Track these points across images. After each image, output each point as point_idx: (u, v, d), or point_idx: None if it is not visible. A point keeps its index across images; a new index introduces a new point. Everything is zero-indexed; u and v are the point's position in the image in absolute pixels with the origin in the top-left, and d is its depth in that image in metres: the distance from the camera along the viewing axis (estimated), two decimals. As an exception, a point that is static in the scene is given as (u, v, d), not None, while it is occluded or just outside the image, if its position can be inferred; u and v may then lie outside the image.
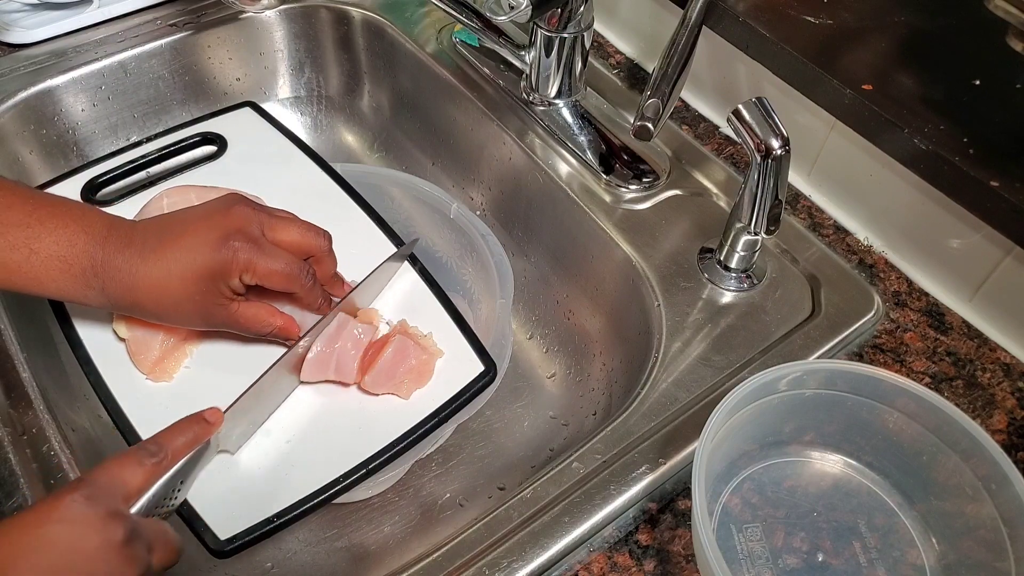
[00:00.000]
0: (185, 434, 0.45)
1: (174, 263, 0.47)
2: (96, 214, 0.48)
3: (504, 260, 0.60)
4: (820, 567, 0.48)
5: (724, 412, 0.46)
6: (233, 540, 0.44)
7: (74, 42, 0.79)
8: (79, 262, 0.46)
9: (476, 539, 0.49)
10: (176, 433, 0.45)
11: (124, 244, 0.47)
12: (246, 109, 0.68)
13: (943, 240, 0.61)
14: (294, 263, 0.50)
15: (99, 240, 0.47)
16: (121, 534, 0.37)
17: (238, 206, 0.49)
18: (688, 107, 0.77)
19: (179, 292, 0.47)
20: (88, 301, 0.48)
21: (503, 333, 0.57)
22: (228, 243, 0.47)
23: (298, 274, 0.50)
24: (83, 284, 0.47)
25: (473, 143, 0.80)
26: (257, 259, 0.48)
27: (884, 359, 0.58)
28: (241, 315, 0.50)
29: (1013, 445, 0.54)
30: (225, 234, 0.47)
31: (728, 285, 0.62)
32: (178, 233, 0.48)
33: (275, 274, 0.49)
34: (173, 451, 0.43)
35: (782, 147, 0.52)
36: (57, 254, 0.46)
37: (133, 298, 0.47)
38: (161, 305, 0.48)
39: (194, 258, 0.47)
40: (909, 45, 0.63)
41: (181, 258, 0.47)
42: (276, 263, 0.49)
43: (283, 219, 0.51)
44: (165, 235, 0.48)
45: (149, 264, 0.47)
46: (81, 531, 0.37)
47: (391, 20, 0.85)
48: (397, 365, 0.51)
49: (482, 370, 0.53)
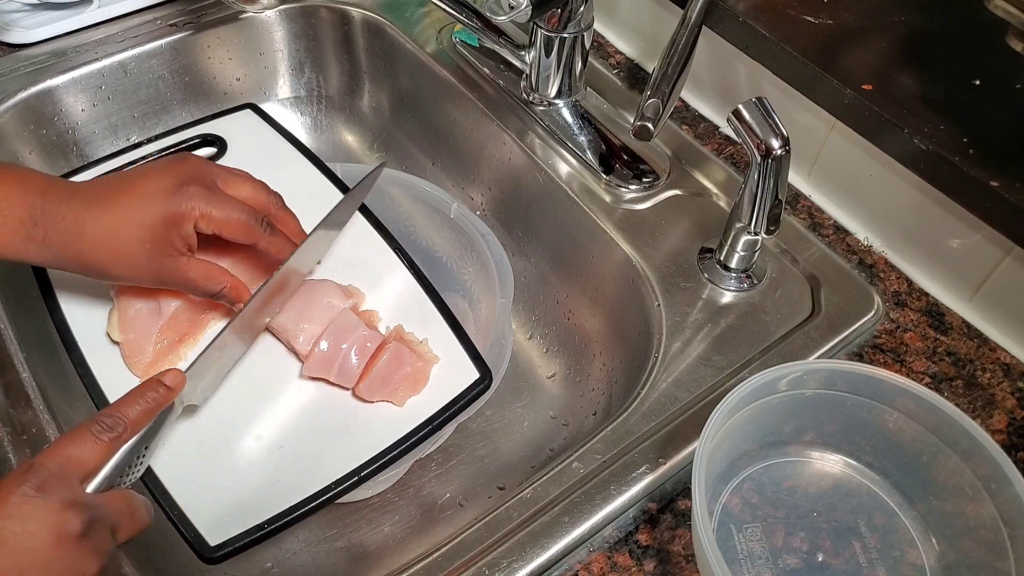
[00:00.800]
0: (143, 401, 0.42)
1: (128, 210, 0.45)
2: (34, 172, 0.47)
3: (504, 260, 0.60)
4: (820, 567, 0.48)
5: (724, 412, 0.46)
6: (223, 546, 0.44)
7: (74, 42, 0.79)
8: (15, 212, 0.45)
9: (476, 539, 0.49)
10: (132, 402, 0.42)
11: (68, 195, 0.46)
12: (246, 111, 0.68)
13: (943, 240, 0.61)
14: (251, 212, 0.49)
15: (38, 192, 0.45)
16: (78, 526, 0.35)
17: (192, 158, 0.49)
18: (688, 107, 0.77)
19: (130, 241, 0.46)
20: (28, 256, 0.46)
21: (503, 333, 0.57)
22: (184, 189, 0.46)
23: (254, 224, 0.49)
24: (22, 236, 0.45)
25: (473, 143, 0.80)
26: (212, 207, 0.47)
27: (884, 359, 0.58)
28: (191, 269, 0.48)
29: (1013, 445, 0.54)
30: (180, 181, 0.47)
31: (728, 285, 0.62)
32: (131, 183, 0.47)
33: (232, 222, 0.48)
34: (131, 422, 0.41)
35: (782, 147, 0.52)
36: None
37: (79, 248, 0.45)
38: (111, 255, 0.46)
39: (148, 205, 0.46)
40: (909, 45, 0.63)
41: (135, 205, 0.46)
42: (233, 211, 0.48)
43: (236, 175, 0.51)
44: (114, 186, 0.47)
45: (98, 212, 0.45)
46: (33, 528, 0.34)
47: (391, 20, 0.85)
48: (392, 372, 0.51)
49: (477, 377, 0.52)
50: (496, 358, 0.55)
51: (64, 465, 0.38)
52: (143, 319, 0.51)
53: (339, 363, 0.52)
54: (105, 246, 0.46)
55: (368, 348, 0.52)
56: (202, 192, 0.47)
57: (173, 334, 0.52)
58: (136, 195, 0.46)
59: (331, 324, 0.52)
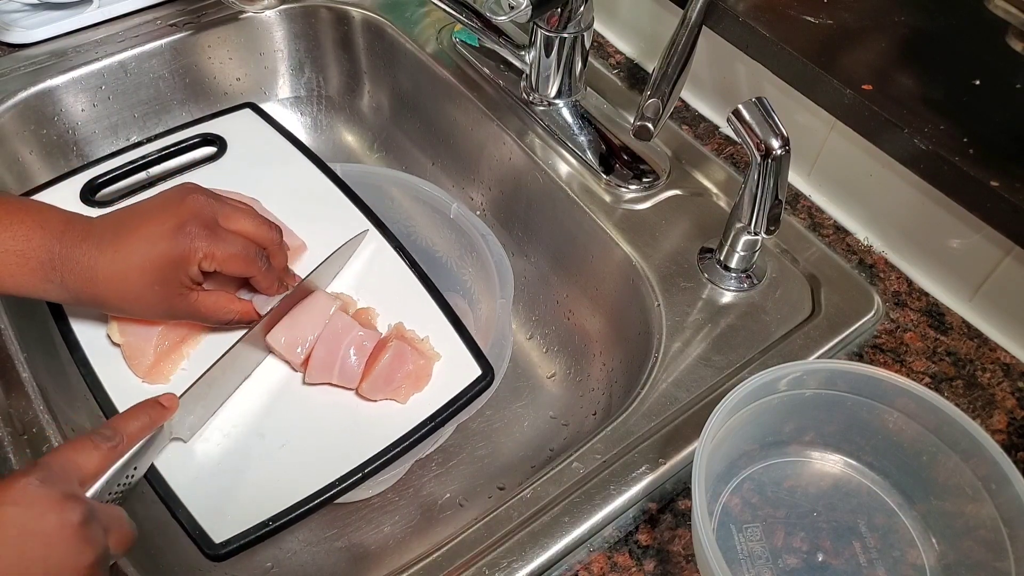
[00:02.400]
0: (140, 418, 0.45)
1: (132, 254, 0.47)
2: (53, 210, 0.48)
3: (504, 260, 0.60)
4: (820, 567, 0.48)
5: (724, 412, 0.46)
6: (228, 543, 0.44)
7: (74, 42, 0.79)
8: (36, 256, 0.46)
9: (476, 539, 0.49)
10: (131, 417, 0.44)
11: (82, 238, 0.47)
12: (246, 110, 0.68)
13: (943, 240, 0.61)
14: (250, 246, 0.50)
15: (56, 234, 0.47)
16: (78, 515, 0.37)
17: (192, 195, 0.50)
18: (688, 107, 0.77)
19: (139, 283, 0.47)
20: (49, 296, 0.48)
21: (503, 333, 0.57)
22: (185, 231, 0.47)
23: (255, 257, 0.50)
24: (42, 278, 0.46)
25: (473, 143, 0.80)
26: (214, 246, 0.48)
27: (884, 359, 0.58)
28: (202, 304, 0.50)
29: (1013, 445, 0.54)
30: (181, 223, 0.48)
31: (728, 285, 0.62)
32: (135, 224, 0.48)
33: (233, 258, 0.49)
34: (128, 435, 0.43)
35: (782, 147, 0.52)
36: (13, 249, 0.46)
37: (94, 291, 0.47)
38: (122, 297, 0.48)
39: (152, 248, 0.47)
40: (909, 45, 0.63)
41: (139, 249, 0.47)
42: (233, 247, 0.49)
43: (237, 208, 0.52)
44: (122, 227, 0.48)
45: (108, 256, 0.47)
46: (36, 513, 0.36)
47: (391, 20, 0.85)
48: (395, 371, 0.51)
49: (479, 374, 0.53)
50: (496, 358, 0.55)
51: (65, 465, 0.40)
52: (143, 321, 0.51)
53: (339, 366, 0.52)
54: (116, 290, 0.47)
55: (366, 347, 0.52)
56: (203, 232, 0.48)
57: (174, 335, 0.52)
58: (140, 238, 0.47)
59: (324, 329, 0.52)
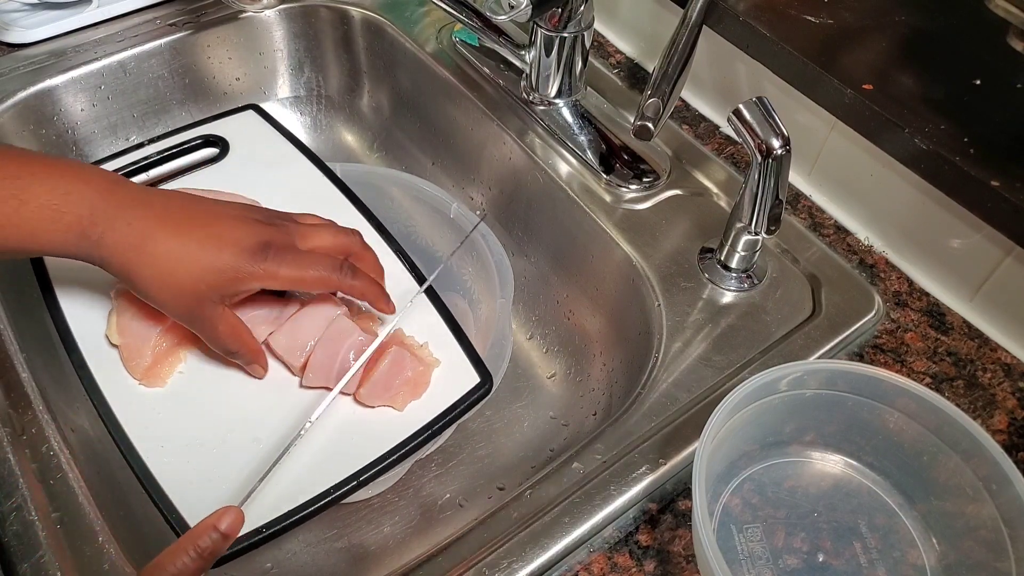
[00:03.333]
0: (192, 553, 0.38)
1: (198, 246, 0.45)
2: (97, 169, 0.46)
3: (504, 260, 0.60)
4: (820, 567, 0.48)
5: (724, 412, 0.46)
6: None
7: (73, 42, 0.79)
8: (74, 209, 0.43)
9: (476, 539, 0.49)
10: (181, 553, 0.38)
11: (137, 202, 0.45)
12: (249, 112, 0.68)
13: (944, 240, 0.60)
14: (326, 263, 0.48)
15: (101, 191, 0.44)
16: None
17: (278, 222, 0.48)
18: (688, 107, 0.77)
19: (187, 276, 0.45)
20: (76, 253, 0.45)
21: (503, 333, 0.57)
22: (263, 252, 0.46)
23: (332, 273, 0.48)
24: (76, 233, 0.44)
25: (473, 143, 0.80)
26: (284, 269, 0.47)
27: (885, 359, 0.58)
28: (222, 322, 0.48)
29: (1014, 445, 0.54)
30: (263, 243, 0.46)
31: (728, 285, 0.62)
32: (212, 220, 0.46)
33: (305, 280, 0.48)
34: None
35: (782, 147, 0.52)
36: (49, 203, 0.43)
37: (130, 259, 0.44)
38: (159, 279, 0.45)
39: (223, 253, 0.45)
40: (909, 45, 0.63)
41: (209, 246, 0.45)
42: (306, 270, 0.48)
43: (315, 229, 0.50)
44: (195, 215, 0.46)
45: (167, 234, 0.44)
46: None
47: (391, 20, 0.85)
48: (393, 377, 0.51)
49: (478, 381, 0.52)
50: (496, 358, 0.55)
51: None
52: (141, 322, 0.51)
53: (337, 370, 0.51)
54: (158, 268, 0.45)
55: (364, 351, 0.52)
56: (280, 257, 0.46)
57: (172, 337, 0.52)
58: (214, 236, 0.45)
59: (325, 333, 0.52)
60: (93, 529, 0.49)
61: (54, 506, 0.50)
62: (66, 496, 0.50)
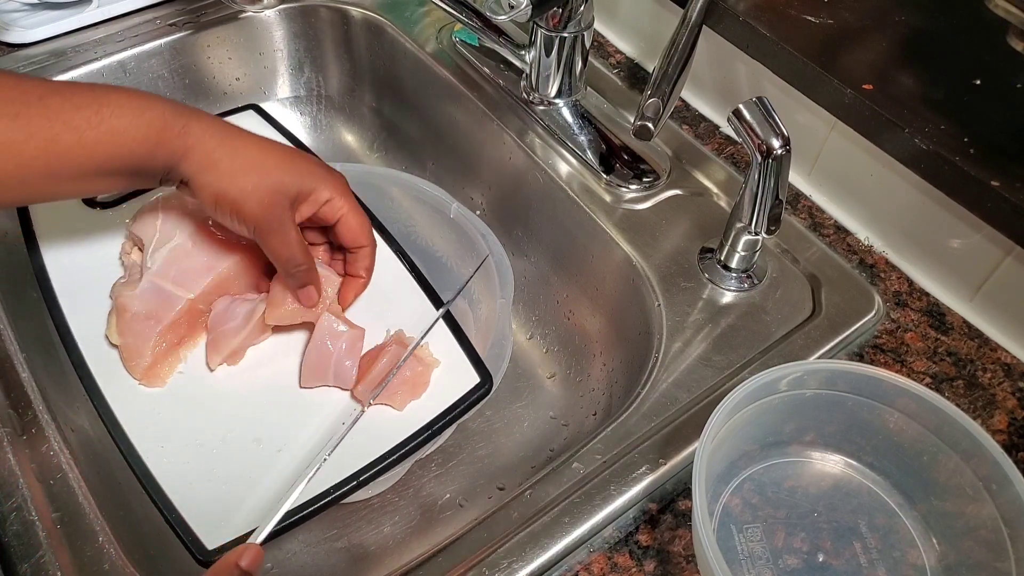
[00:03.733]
0: None
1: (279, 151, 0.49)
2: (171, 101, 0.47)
3: (504, 260, 0.60)
4: (820, 567, 0.48)
5: (724, 412, 0.46)
6: (221, 550, 0.44)
7: (73, 42, 0.79)
8: (155, 106, 0.44)
9: (476, 539, 0.49)
10: None
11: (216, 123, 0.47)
12: (249, 112, 0.68)
13: (944, 240, 0.60)
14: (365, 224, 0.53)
15: (171, 106, 0.45)
16: None
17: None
18: (688, 107, 0.77)
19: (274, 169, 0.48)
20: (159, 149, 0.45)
21: (503, 333, 0.57)
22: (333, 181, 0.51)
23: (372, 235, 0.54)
24: (159, 129, 0.44)
25: (473, 143, 0.80)
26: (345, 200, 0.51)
27: (885, 359, 0.58)
28: (295, 228, 0.50)
29: (1014, 445, 0.54)
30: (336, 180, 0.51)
31: (728, 285, 0.62)
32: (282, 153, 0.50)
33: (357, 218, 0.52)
34: None
35: (782, 147, 0.52)
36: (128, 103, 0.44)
37: (216, 149, 0.46)
38: (243, 170, 0.47)
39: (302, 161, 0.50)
40: (909, 45, 0.63)
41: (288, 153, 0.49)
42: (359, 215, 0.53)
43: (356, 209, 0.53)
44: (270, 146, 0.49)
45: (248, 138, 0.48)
46: None
47: (391, 20, 0.85)
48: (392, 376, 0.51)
49: (478, 382, 0.52)
50: (496, 358, 0.55)
51: None
52: (141, 323, 0.51)
53: (333, 368, 0.52)
54: (244, 158, 0.47)
55: (358, 346, 0.52)
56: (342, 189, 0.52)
57: (172, 336, 0.52)
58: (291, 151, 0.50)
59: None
60: (93, 529, 0.49)
61: (54, 506, 0.50)
62: (66, 496, 0.50)
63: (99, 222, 0.59)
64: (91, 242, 0.58)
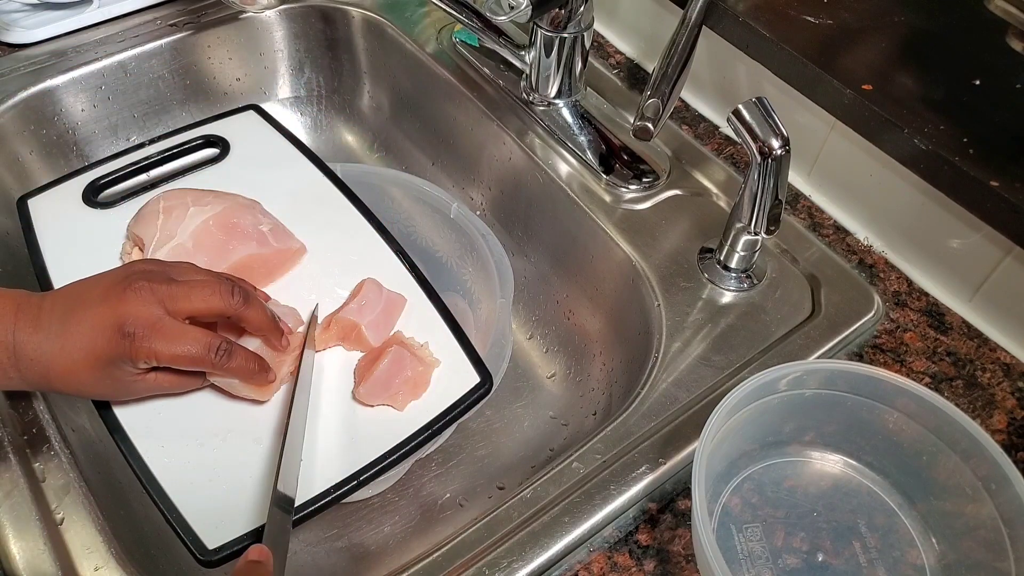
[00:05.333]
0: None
1: (76, 349, 0.45)
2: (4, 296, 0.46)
3: (504, 260, 0.60)
4: (820, 567, 0.48)
5: (724, 412, 0.46)
6: (221, 549, 0.44)
7: (74, 42, 0.79)
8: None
9: (476, 539, 0.49)
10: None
11: (33, 327, 0.45)
12: (249, 112, 0.68)
13: (943, 240, 0.61)
14: (199, 342, 0.46)
15: (8, 325, 0.45)
16: None
17: (134, 287, 0.46)
18: (688, 107, 0.77)
19: (89, 376, 0.46)
20: (12, 386, 0.47)
21: (503, 333, 0.57)
22: (123, 332, 0.45)
23: (204, 354, 0.46)
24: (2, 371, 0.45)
25: (473, 143, 0.80)
26: (157, 346, 0.45)
27: (884, 359, 0.58)
28: (161, 383, 0.48)
29: (1013, 445, 0.54)
30: (120, 323, 0.45)
31: (728, 285, 0.62)
32: (78, 317, 0.45)
33: (180, 358, 0.46)
34: None
35: (782, 147, 0.52)
36: None
37: (50, 384, 0.46)
38: (78, 387, 0.46)
39: (93, 344, 0.45)
40: (909, 45, 0.63)
41: (81, 344, 0.45)
42: (179, 346, 0.46)
43: (186, 285, 0.48)
44: (69, 315, 0.46)
45: (56, 349, 0.45)
46: None
47: (391, 20, 0.85)
48: (393, 376, 0.51)
49: (478, 381, 0.52)
50: (496, 358, 0.55)
51: None
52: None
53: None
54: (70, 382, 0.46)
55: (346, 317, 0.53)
56: (143, 333, 0.45)
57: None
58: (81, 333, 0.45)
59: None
60: (93, 529, 0.49)
61: (54, 506, 0.50)
62: (66, 496, 0.50)
63: (99, 222, 0.59)
64: (91, 242, 0.58)
